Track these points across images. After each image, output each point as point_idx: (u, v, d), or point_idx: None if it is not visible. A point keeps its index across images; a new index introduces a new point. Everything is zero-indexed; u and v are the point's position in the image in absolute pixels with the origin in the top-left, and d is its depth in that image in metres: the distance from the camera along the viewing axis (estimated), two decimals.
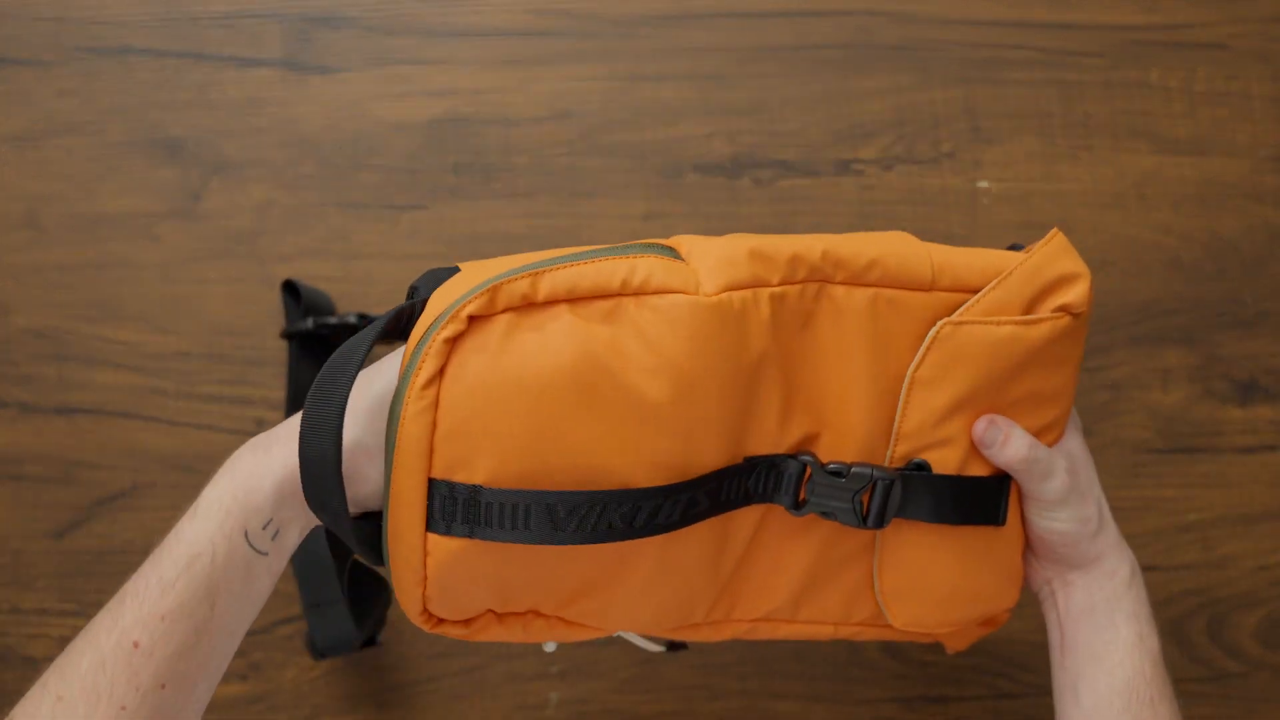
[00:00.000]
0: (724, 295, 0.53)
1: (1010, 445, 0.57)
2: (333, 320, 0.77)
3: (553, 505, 0.51)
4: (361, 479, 0.54)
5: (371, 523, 0.54)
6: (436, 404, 0.50)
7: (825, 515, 0.57)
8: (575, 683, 0.79)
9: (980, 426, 0.58)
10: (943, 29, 0.83)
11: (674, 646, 0.66)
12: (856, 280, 0.56)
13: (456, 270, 0.55)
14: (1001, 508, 0.59)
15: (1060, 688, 0.61)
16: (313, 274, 0.80)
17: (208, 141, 0.81)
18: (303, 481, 0.50)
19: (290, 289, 0.79)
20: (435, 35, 0.82)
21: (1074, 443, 0.62)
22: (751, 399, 0.54)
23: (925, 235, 0.81)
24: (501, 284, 0.51)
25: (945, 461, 0.58)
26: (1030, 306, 0.57)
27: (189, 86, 0.82)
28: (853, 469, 0.56)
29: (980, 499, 0.59)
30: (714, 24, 0.82)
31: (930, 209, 0.82)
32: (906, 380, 0.57)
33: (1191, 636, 0.80)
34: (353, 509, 0.54)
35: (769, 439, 0.56)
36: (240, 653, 0.78)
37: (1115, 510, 0.80)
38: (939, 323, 0.56)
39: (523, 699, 0.79)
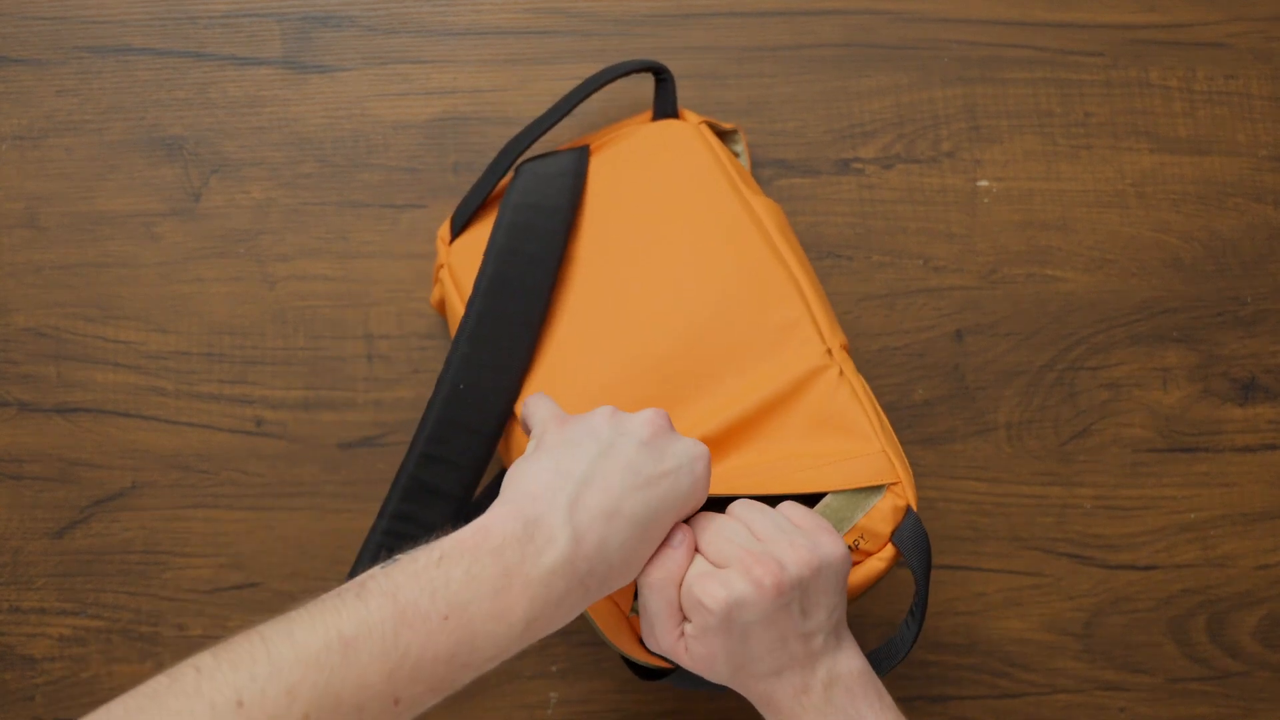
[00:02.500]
0: None
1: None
2: None
3: None
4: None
5: None
6: None
7: None
8: (575, 682, 0.79)
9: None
10: (943, 28, 0.83)
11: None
12: None
13: None
14: None
15: None
16: (312, 273, 0.80)
17: (207, 141, 0.81)
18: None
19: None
20: (435, 35, 0.82)
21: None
22: None
23: (925, 234, 0.81)
24: None
25: None
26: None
27: (189, 86, 0.82)
28: None
29: None
30: (713, 23, 0.82)
31: (930, 208, 0.82)
32: None
33: (1191, 636, 0.80)
34: None
35: None
36: None
37: (1116, 510, 0.81)
38: None
39: (523, 698, 0.79)
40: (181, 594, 0.79)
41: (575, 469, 0.54)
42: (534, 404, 0.63)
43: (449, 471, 0.67)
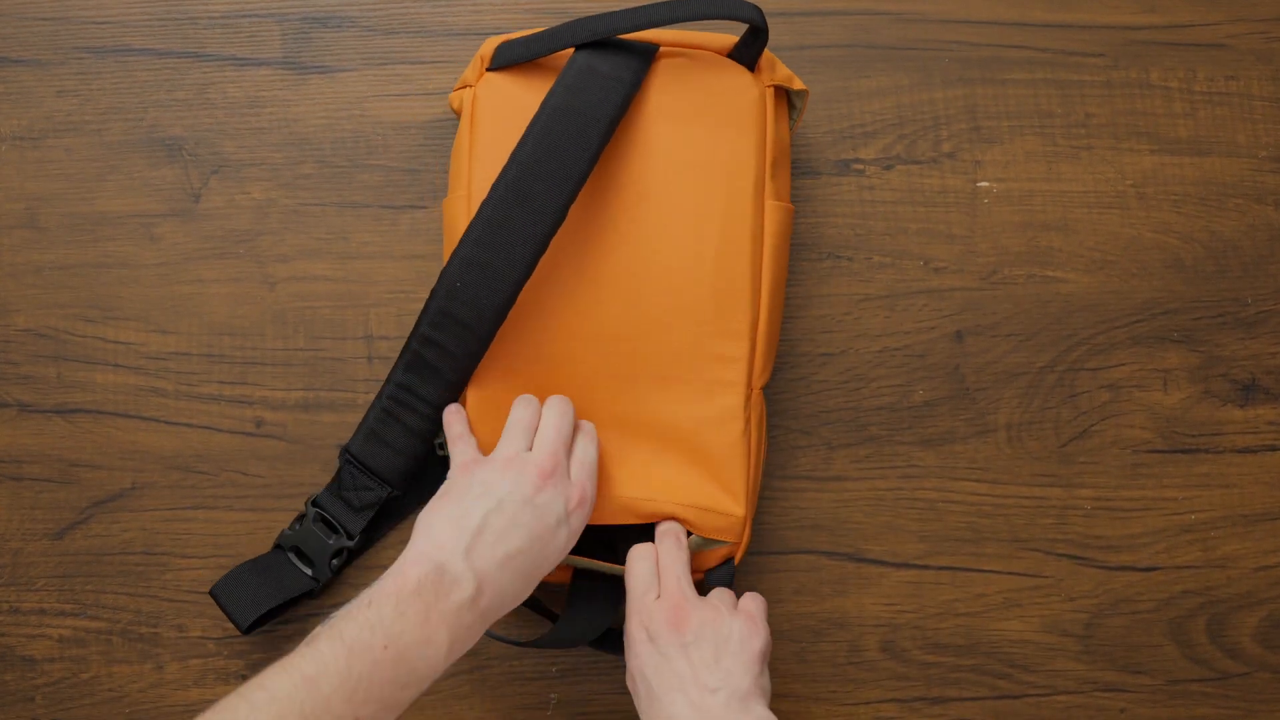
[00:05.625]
0: None
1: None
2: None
3: None
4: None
5: None
6: None
7: None
8: (575, 683, 0.79)
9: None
10: (943, 29, 0.83)
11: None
12: None
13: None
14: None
15: None
16: (312, 274, 0.80)
17: (207, 141, 0.81)
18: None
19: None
20: (434, 35, 0.82)
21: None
22: None
23: (925, 235, 0.81)
24: None
25: None
26: None
27: (189, 86, 0.82)
28: None
29: None
30: (713, 24, 0.82)
31: (930, 209, 0.82)
32: None
33: (1192, 637, 0.80)
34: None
35: None
36: (240, 654, 0.78)
37: (1116, 511, 0.80)
38: None
39: (523, 699, 0.79)
40: (182, 595, 0.79)
41: (470, 522, 0.64)
42: (451, 423, 0.72)
43: (445, 356, 0.72)
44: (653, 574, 0.69)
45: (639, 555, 0.70)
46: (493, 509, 0.64)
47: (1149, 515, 0.81)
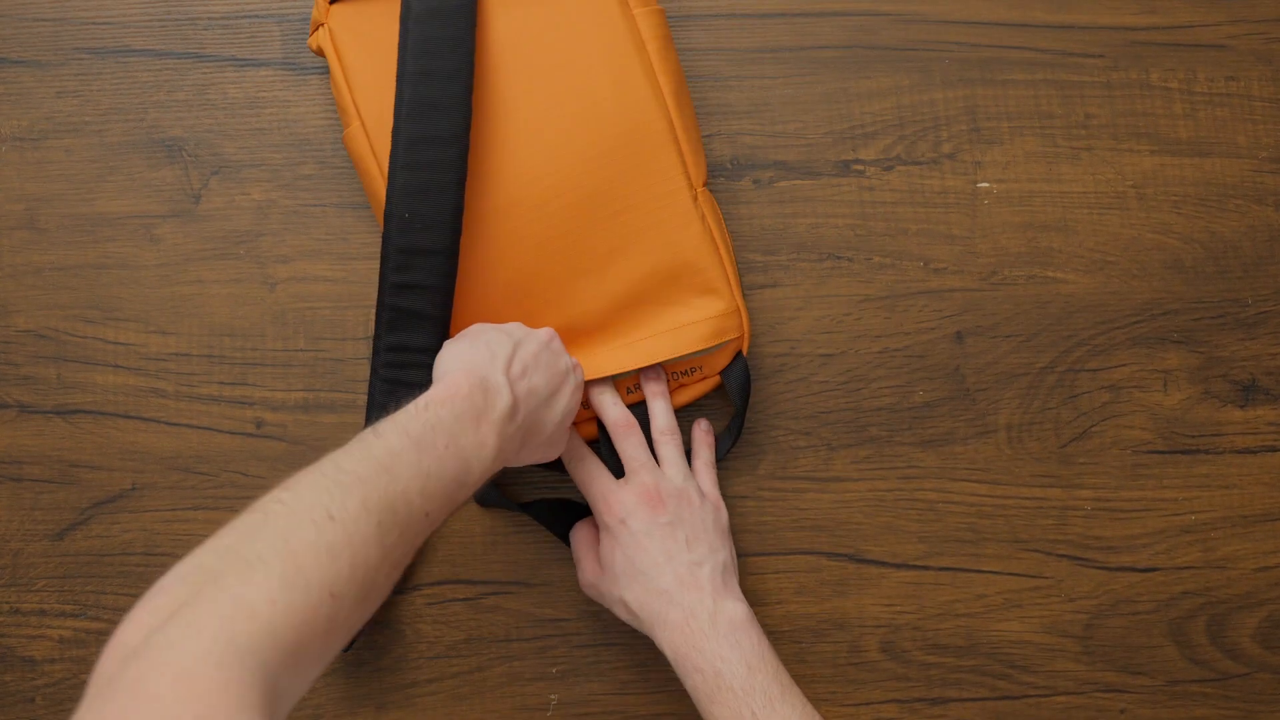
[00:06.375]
0: None
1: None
2: None
3: None
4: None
5: None
6: None
7: None
8: (575, 684, 0.79)
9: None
10: (943, 29, 0.83)
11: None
12: None
13: None
14: None
15: None
16: (312, 275, 0.80)
17: (207, 142, 0.81)
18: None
19: None
20: None
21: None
22: None
23: (926, 236, 0.81)
24: None
25: None
26: None
27: (189, 87, 0.82)
28: None
29: None
30: (713, 24, 0.82)
31: (931, 210, 0.82)
32: None
33: (1192, 638, 0.80)
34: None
35: None
36: None
37: (1116, 512, 0.81)
38: None
39: (523, 701, 0.79)
40: None
41: (501, 350, 0.66)
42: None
43: (422, 294, 0.71)
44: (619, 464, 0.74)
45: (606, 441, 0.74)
46: (518, 344, 0.68)
47: (1149, 516, 0.81)
